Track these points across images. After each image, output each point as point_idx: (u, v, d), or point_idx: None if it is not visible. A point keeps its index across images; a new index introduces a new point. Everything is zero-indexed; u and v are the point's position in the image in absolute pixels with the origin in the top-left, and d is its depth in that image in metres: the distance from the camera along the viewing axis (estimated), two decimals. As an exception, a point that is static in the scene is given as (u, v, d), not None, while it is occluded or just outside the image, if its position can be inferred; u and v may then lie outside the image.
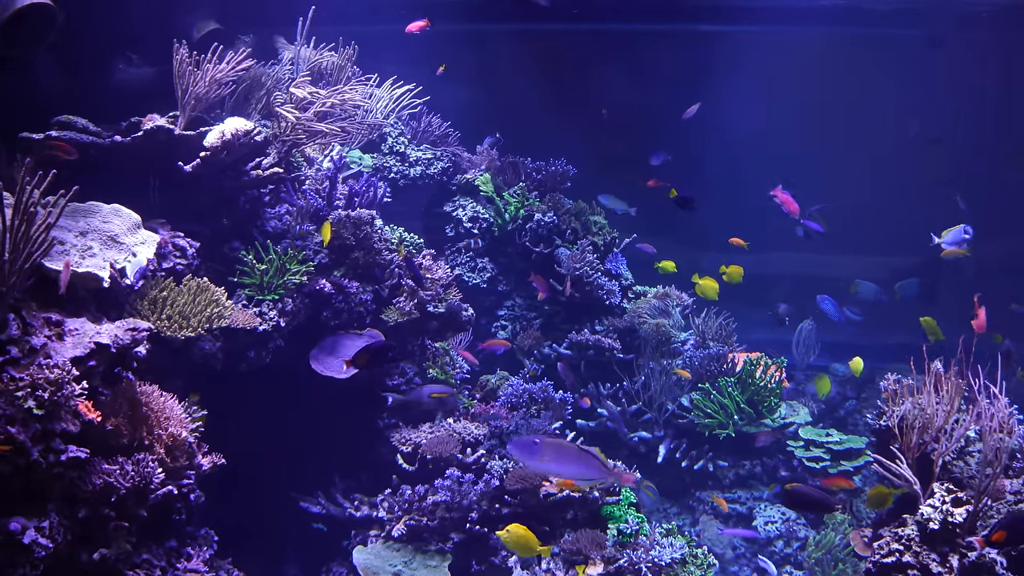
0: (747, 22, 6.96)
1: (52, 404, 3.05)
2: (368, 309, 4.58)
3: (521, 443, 2.92)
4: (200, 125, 4.05)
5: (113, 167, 3.96)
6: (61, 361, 3.13)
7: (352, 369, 4.39)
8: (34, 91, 4.23)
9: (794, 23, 7.29)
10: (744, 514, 5.36)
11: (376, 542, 4.43)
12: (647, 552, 4.03)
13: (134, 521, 3.31)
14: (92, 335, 3.31)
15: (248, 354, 4.12)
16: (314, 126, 4.13)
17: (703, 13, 6.98)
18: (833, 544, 4.85)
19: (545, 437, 3.02)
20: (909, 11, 6.55)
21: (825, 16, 7.30)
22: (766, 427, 5.38)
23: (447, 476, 4.29)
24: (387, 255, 4.62)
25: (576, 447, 3.02)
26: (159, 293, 3.71)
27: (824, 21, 7.34)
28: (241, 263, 4.22)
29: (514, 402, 4.69)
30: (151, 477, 3.25)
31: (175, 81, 3.99)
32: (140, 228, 3.77)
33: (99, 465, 3.21)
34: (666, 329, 5.70)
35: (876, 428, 4.09)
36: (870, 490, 4.42)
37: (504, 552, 4.29)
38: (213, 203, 4.19)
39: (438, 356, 4.86)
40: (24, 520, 3.06)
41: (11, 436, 2.99)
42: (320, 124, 4.14)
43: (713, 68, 7.17)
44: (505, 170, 6.33)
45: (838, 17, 7.28)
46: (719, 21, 7.11)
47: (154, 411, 3.41)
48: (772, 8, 6.91)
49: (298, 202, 4.51)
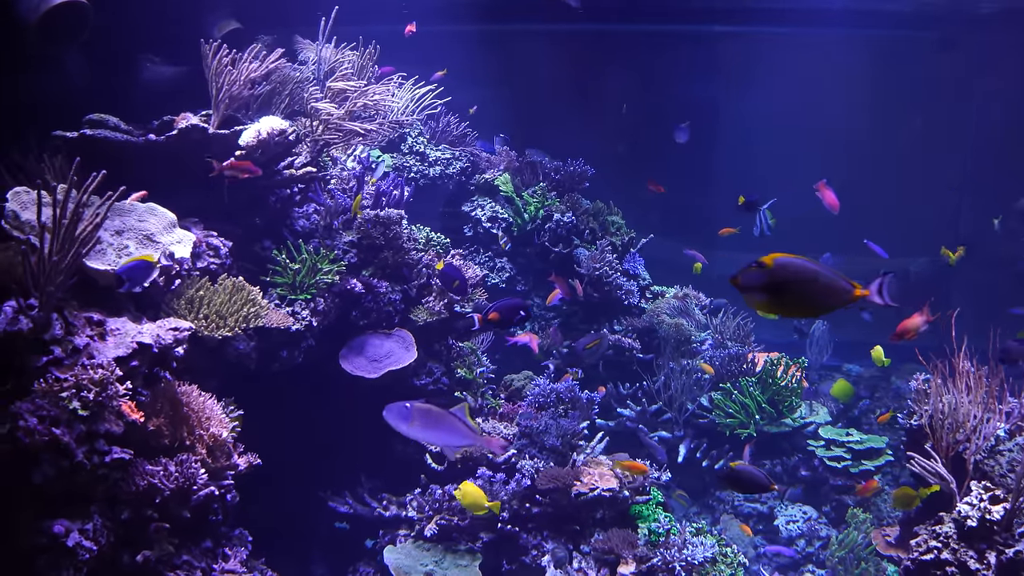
0: (761, 23, 7.00)
1: (96, 405, 3.04)
2: (397, 309, 4.58)
3: (394, 408, 2.92)
4: (232, 124, 4.04)
5: (145, 166, 3.93)
6: (105, 361, 3.12)
7: (383, 368, 4.41)
8: (63, 89, 4.20)
9: (803, 25, 7.34)
10: (765, 513, 5.39)
11: (406, 542, 4.43)
12: (680, 551, 4.04)
13: (175, 522, 3.29)
14: (134, 335, 3.29)
15: (281, 354, 4.10)
16: (347, 125, 4.11)
17: (719, 15, 7.00)
18: (856, 543, 4.88)
19: (416, 403, 3.00)
20: (923, 14, 6.60)
21: (837, 18, 7.35)
22: (787, 426, 5.41)
23: (478, 475, 4.29)
24: (415, 255, 4.61)
25: (446, 413, 3.00)
26: (195, 292, 3.69)
27: (836, 23, 7.39)
28: (273, 262, 4.20)
29: (541, 402, 4.69)
30: (195, 478, 3.23)
31: (209, 80, 3.97)
32: (176, 227, 3.75)
33: (142, 466, 3.19)
34: (686, 329, 5.72)
35: (908, 427, 4.12)
36: (896, 490, 4.48)
37: (535, 552, 4.30)
38: (245, 202, 4.17)
39: (464, 355, 4.85)
40: (68, 522, 3.04)
41: (56, 437, 2.97)
42: (354, 123, 4.13)
43: (726, 68, 7.22)
44: (523, 170, 6.34)
45: (850, 19, 7.33)
46: (733, 23, 7.13)
47: (195, 411, 3.40)
48: (785, 10, 6.94)
49: (326, 201, 4.50)
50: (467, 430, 3.04)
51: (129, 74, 4.58)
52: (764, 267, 2.29)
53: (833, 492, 5.36)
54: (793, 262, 2.31)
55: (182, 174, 4.04)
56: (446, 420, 3.01)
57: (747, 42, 7.17)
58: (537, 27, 7.00)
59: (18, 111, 3.97)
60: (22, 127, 3.94)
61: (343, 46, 5.39)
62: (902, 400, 6.59)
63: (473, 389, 4.80)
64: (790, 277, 2.29)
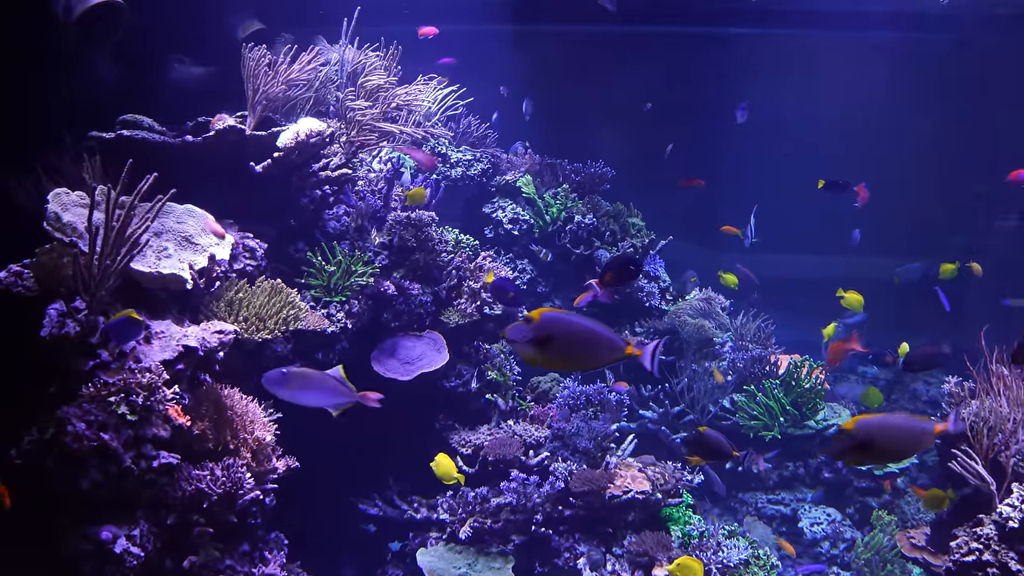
0: (781, 25, 7.01)
1: (144, 409, 3.02)
2: (428, 311, 4.56)
3: (272, 375, 2.96)
4: (268, 125, 4.01)
5: (180, 166, 3.90)
6: (152, 365, 3.10)
7: (416, 371, 4.40)
8: (94, 89, 4.17)
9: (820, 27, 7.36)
10: (788, 515, 5.40)
11: (437, 544, 4.41)
12: (716, 553, 4.05)
13: (218, 527, 3.27)
14: (179, 338, 3.27)
15: (316, 356, 4.09)
16: (383, 126, 4.10)
17: (739, 17, 7.01)
18: (881, 545, 4.90)
19: (292, 368, 3.06)
20: (942, 15, 6.62)
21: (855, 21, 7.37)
22: (811, 429, 5.42)
23: (512, 478, 4.28)
24: (446, 256, 4.59)
25: (323, 374, 3.06)
26: (235, 295, 3.67)
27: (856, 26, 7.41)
28: (306, 264, 4.18)
29: (571, 404, 4.69)
30: (242, 483, 3.22)
31: (245, 81, 3.95)
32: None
33: (189, 471, 3.17)
34: (708, 330, 5.72)
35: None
36: (927, 492, 4.50)
37: (567, 554, 4.29)
38: (279, 204, 4.15)
39: (492, 358, 4.84)
40: (115, 528, 3.02)
41: (104, 443, 2.95)
42: (390, 125, 4.11)
43: (743, 70, 7.22)
44: (543, 172, 6.33)
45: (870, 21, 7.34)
46: (754, 24, 7.14)
47: (238, 415, 3.38)
48: (803, 12, 6.95)
49: (357, 203, 4.48)
50: (344, 389, 3.08)
51: (158, 74, 4.56)
52: (531, 321, 2.37)
53: (857, 494, 5.37)
54: (560, 318, 2.40)
55: (216, 175, 4.02)
56: (324, 381, 3.05)
57: (771, 44, 7.18)
58: (558, 27, 6.99)
59: (52, 111, 3.94)
60: (57, 127, 3.91)
61: (365, 47, 5.38)
62: (918, 402, 6.64)
63: (503, 392, 4.79)
64: (556, 332, 2.37)
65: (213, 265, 3.56)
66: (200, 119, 4.01)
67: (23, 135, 3.84)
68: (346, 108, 4.18)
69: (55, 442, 2.95)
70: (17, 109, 3.84)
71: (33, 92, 3.87)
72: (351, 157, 4.22)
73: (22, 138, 3.83)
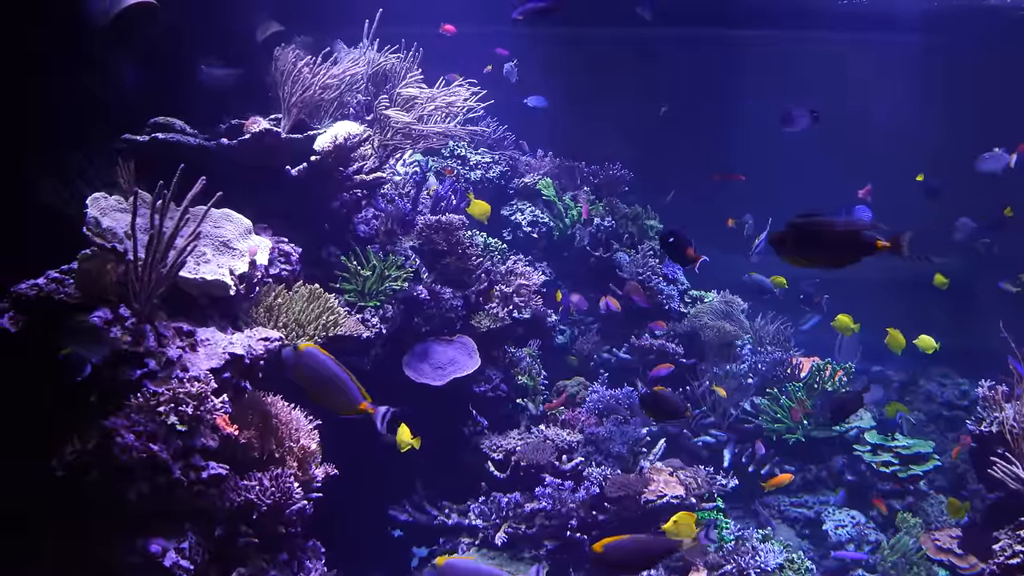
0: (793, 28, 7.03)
1: (194, 419, 2.96)
2: (458, 315, 4.52)
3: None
4: (303, 128, 3.96)
5: (215, 170, 3.83)
6: (201, 373, 3.04)
7: (448, 376, 4.36)
8: (123, 91, 4.09)
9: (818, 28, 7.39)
10: (812, 518, 5.40)
11: (469, 550, 4.38)
12: (754, 557, 4.04)
13: (264, 537, 3.22)
14: (224, 345, 3.22)
15: (350, 361, 4.03)
16: (419, 129, 4.05)
17: (741, 19, 7.02)
18: (907, 547, 4.92)
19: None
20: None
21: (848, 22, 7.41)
22: (834, 432, 5.44)
23: (547, 484, 4.25)
24: (476, 260, 4.56)
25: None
26: (274, 300, 3.62)
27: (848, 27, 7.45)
28: (339, 268, 4.14)
29: (601, 408, 4.67)
30: (291, 493, 3.17)
31: (280, 84, 3.90)
32: (251, 233, 3.67)
33: (237, 481, 3.12)
34: (729, 332, 5.72)
35: (978, 434, 4.15)
36: (950, 500, 4.58)
37: (600, 560, 4.27)
38: (312, 208, 4.10)
39: (517, 362, 4.81)
40: (164, 541, 2.95)
41: (153, 454, 2.89)
42: (426, 127, 4.07)
43: (744, 73, 7.23)
44: (561, 174, 6.30)
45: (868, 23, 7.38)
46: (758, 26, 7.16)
47: (283, 422, 3.33)
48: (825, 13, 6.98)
49: (386, 207, 4.44)
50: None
51: (181, 76, 4.48)
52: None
53: (880, 497, 5.38)
54: (314, 357, 3.08)
55: (250, 178, 3.96)
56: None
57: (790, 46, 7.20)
58: (577, 30, 6.97)
59: (82, 113, 3.86)
60: (86, 129, 3.84)
61: (386, 49, 5.32)
62: (932, 403, 6.67)
63: (532, 396, 4.76)
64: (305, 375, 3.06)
65: (253, 270, 3.51)
66: (233, 121, 3.96)
67: (52, 137, 3.77)
68: (380, 112, 4.12)
69: (100, 453, 2.89)
70: (46, 111, 3.77)
71: (63, 94, 3.79)
72: (385, 160, 4.17)
73: (51, 140, 3.76)
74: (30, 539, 2.97)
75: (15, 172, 3.60)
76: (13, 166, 3.59)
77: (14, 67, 3.64)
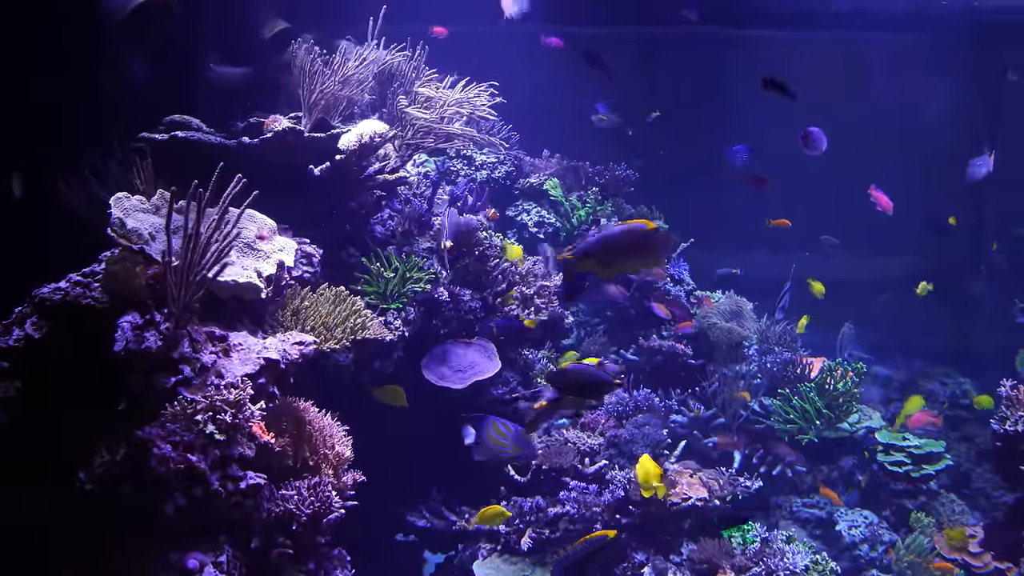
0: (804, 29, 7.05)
1: (231, 427, 2.86)
2: (477, 317, 4.45)
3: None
4: (324, 127, 3.87)
5: (235, 170, 3.72)
6: (237, 380, 2.94)
7: (469, 378, 4.29)
8: (136, 90, 3.97)
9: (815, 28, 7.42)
10: (824, 519, 5.39)
11: (491, 556, 4.31)
12: (782, 559, 4.02)
13: (303, 549, 3.13)
14: (258, 350, 3.12)
15: (373, 364, 3.96)
16: (442, 129, 3.97)
17: (748, 18, 7.03)
18: (922, 547, 4.94)
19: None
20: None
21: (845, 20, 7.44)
22: (845, 432, 5.44)
23: (572, 487, 4.20)
24: (494, 261, 4.49)
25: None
26: (300, 303, 3.52)
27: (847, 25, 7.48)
28: (359, 270, 4.05)
29: (619, 411, 4.62)
30: (331, 502, 3.07)
31: (300, 81, 3.80)
32: (276, 234, 3.57)
33: (273, 491, 3.02)
34: (738, 333, 5.70)
35: (1001, 433, 4.17)
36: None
37: (624, 563, 4.23)
38: (332, 208, 4.01)
39: (535, 363, 4.75)
40: (201, 556, 2.85)
41: (191, 464, 2.78)
42: (451, 127, 3.99)
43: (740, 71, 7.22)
44: (566, 174, 6.25)
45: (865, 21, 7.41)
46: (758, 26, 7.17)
47: (317, 429, 3.23)
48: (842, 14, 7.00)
49: (403, 208, 4.35)
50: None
51: (193, 74, 4.35)
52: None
53: (892, 497, 5.40)
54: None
55: (271, 178, 3.84)
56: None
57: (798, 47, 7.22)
58: (586, 30, 6.92)
59: (98, 112, 3.73)
60: (102, 128, 3.71)
61: (392, 47, 5.23)
62: (935, 402, 6.72)
63: (550, 399, 4.70)
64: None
65: (280, 272, 3.41)
66: (252, 120, 3.85)
67: (69, 136, 3.64)
68: (399, 110, 4.04)
69: (132, 465, 2.78)
70: (62, 110, 3.64)
71: (79, 92, 3.66)
72: (406, 161, 4.09)
73: (68, 140, 3.63)
74: (55, 555, 2.87)
75: (31, 173, 3.47)
76: (29, 167, 3.46)
77: (35, 65, 3.51)
